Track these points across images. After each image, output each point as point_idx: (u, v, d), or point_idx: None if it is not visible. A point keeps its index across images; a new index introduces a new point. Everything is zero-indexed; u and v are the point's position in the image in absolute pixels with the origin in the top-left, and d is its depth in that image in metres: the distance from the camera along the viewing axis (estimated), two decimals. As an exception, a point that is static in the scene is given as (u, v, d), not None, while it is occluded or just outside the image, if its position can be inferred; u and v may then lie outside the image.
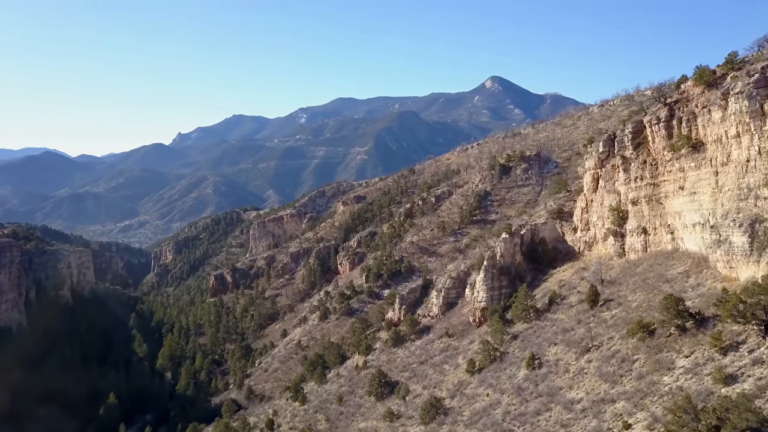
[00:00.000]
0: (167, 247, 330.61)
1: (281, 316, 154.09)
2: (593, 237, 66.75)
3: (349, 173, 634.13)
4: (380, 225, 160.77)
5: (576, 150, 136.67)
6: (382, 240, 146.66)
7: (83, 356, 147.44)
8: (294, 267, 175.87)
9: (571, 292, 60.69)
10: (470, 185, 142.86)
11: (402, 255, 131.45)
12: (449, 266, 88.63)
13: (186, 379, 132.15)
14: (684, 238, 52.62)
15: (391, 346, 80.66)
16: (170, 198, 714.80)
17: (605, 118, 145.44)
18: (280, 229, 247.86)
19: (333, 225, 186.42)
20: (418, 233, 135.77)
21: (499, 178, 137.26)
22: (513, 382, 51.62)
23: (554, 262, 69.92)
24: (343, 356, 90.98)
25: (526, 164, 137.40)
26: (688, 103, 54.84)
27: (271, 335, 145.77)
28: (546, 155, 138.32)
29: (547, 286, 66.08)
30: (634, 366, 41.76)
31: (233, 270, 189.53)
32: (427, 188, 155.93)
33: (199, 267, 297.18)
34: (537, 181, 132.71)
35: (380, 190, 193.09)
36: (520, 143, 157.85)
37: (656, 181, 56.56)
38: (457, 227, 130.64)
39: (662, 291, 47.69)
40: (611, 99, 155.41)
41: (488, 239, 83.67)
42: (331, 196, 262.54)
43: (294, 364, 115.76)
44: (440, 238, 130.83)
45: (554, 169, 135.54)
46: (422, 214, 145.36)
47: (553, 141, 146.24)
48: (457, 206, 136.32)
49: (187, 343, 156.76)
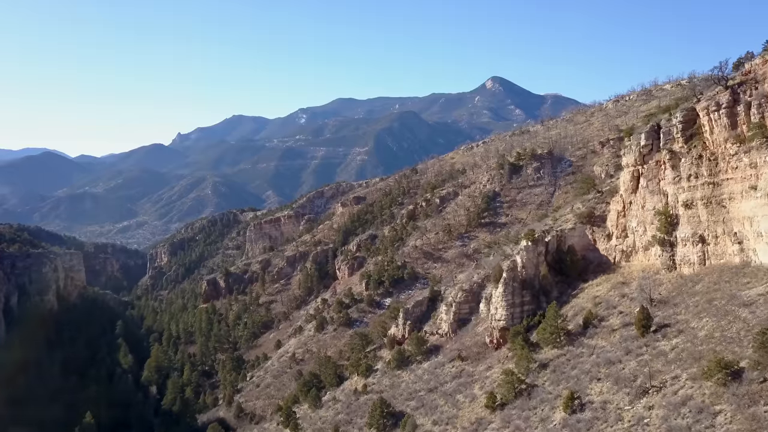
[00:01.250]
0: (162, 249, 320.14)
1: (276, 325, 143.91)
2: (632, 245, 56.61)
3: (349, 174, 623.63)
4: (381, 228, 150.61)
5: (591, 148, 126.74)
6: (383, 244, 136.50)
7: (64, 368, 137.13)
8: (290, 272, 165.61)
9: (611, 313, 50.55)
10: (477, 185, 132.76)
11: (405, 260, 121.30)
12: (459, 276, 78.55)
13: (173, 394, 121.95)
14: (757, 250, 42.52)
15: (395, 368, 70.47)
16: (169, 199, 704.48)
17: (621, 114, 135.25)
18: (277, 231, 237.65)
19: (331, 227, 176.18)
20: (421, 237, 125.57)
21: (508, 178, 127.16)
22: (548, 427, 41.45)
23: (585, 274, 59.79)
24: (341, 376, 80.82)
25: (538, 163, 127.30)
26: (756, 84, 44.76)
27: (264, 345, 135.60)
28: (559, 153, 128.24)
29: (579, 303, 55.93)
30: (717, 421, 31.64)
31: (227, 275, 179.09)
32: (431, 189, 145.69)
33: (195, 269, 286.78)
34: (550, 181, 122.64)
35: (381, 191, 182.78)
36: (529, 141, 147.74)
37: (717, 180, 46.41)
38: (465, 231, 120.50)
39: (740, 318, 37.57)
40: (626, 94, 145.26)
41: (504, 246, 73.43)
42: (330, 196, 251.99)
43: (288, 379, 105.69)
44: (446, 242, 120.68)
45: (568, 168, 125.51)
46: (426, 217, 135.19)
47: (565, 139, 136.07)
48: (464, 208, 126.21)
49: (176, 353, 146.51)
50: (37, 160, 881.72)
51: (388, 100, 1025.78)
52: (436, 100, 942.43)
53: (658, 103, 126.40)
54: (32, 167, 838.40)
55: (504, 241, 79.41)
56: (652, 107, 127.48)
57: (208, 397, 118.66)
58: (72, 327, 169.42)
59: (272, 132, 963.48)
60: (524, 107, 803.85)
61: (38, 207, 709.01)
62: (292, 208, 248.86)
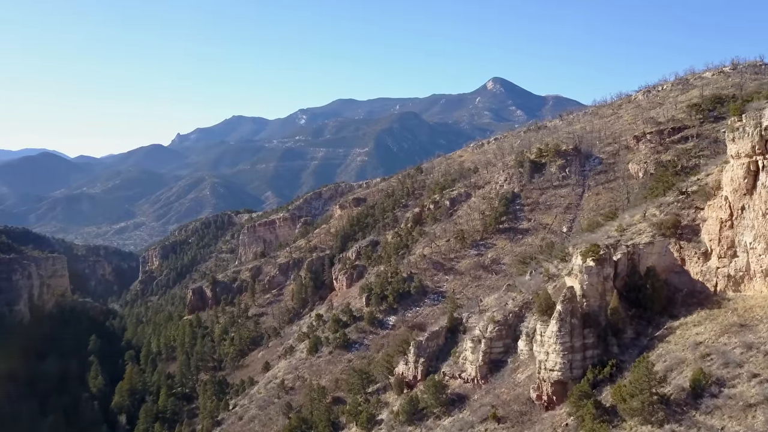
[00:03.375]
0: (154, 252, 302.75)
1: (265, 342, 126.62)
2: (745, 269, 39.48)
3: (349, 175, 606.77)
4: (383, 232, 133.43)
5: (624, 143, 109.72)
6: (385, 251, 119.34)
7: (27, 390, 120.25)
8: (282, 281, 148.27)
9: (736, 374, 33.34)
10: (493, 186, 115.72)
11: (411, 271, 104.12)
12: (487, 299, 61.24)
13: (145, 424, 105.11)
14: None
15: (405, 422, 53.30)
16: (167, 200, 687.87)
17: (656, 105, 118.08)
18: (271, 235, 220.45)
19: (328, 231, 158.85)
20: (430, 244, 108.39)
21: (529, 178, 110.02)
22: None
23: (672, 307, 42.64)
24: (335, 424, 63.61)
25: (563, 160, 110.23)
26: None
27: (252, 366, 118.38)
28: (586, 150, 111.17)
29: (672, 352, 38.71)
30: None
31: (214, 283, 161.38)
32: (439, 189, 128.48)
33: (187, 274, 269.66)
34: (577, 181, 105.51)
35: (383, 192, 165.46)
36: (549, 137, 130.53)
37: None
38: (480, 237, 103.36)
39: None
40: (658, 84, 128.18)
41: (545, 263, 56.18)
42: (328, 198, 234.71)
43: (275, 412, 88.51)
44: (459, 250, 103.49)
45: (598, 166, 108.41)
46: (434, 221, 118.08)
47: (591, 133, 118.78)
48: (479, 211, 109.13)
49: (154, 372, 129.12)
50: (34, 160, 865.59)
51: (388, 100, 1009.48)
52: (437, 100, 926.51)
53: (700, 92, 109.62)
54: (30, 168, 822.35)
55: (544, 255, 62.02)
56: (692, 96, 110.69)
57: (184, 429, 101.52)
58: (44, 341, 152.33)
59: (272, 133, 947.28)
60: (525, 108, 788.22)
61: (35, 208, 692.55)
62: (288, 210, 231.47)
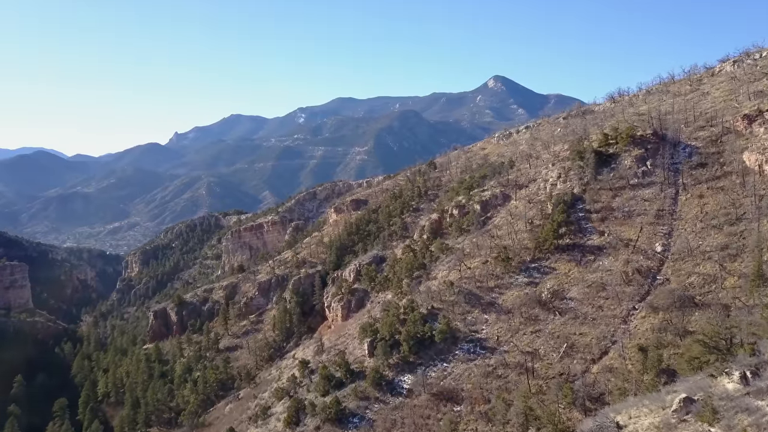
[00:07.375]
0: (134, 258, 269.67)
1: (236, 388, 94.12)
2: None
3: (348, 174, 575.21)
4: (390, 245, 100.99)
5: (726, 125, 77.38)
6: (394, 272, 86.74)
7: None
8: (263, 304, 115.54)
9: None
10: (541, 184, 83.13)
11: (432, 305, 71.52)
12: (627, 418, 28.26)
13: None
14: None
15: None
16: (162, 199, 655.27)
17: (761, 76, 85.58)
18: (259, 241, 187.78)
19: (321, 241, 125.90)
20: (458, 265, 75.78)
21: (594, 174, 77.50)
22: None
23: None
24: None
25: (641, 150, 77.86)
26: None
27: (214, 426, 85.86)
28: (673, 136, 78.64)
29: None
30: None
31: (180, 305, 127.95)
32: (464, 189, 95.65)
33: (168, 283, 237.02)
34: (667, 178, 73.15)
35: (388, 192, 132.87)
36: (597, 123, 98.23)
37: None
38: (532, 257, 70.79)
39: None
40: (750, 50, 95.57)
41: None
42: (324, 198, 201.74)
43: None
44: (501, 276, 70.84)
45: (691, 157, 75.99)
46: (460, 232, 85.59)
47: (668, 115, 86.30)
48: (525, 219, 76.72)
49: (91, 424, 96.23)
50: (29, 159, 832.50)
51: (388, 99, 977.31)
52: (438, 99, 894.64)
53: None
54: (25, 166, 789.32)
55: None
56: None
57: None
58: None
59: (270, 131, 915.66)
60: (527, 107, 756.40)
61: (27, 207, 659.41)
62: (278, 212, 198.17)
